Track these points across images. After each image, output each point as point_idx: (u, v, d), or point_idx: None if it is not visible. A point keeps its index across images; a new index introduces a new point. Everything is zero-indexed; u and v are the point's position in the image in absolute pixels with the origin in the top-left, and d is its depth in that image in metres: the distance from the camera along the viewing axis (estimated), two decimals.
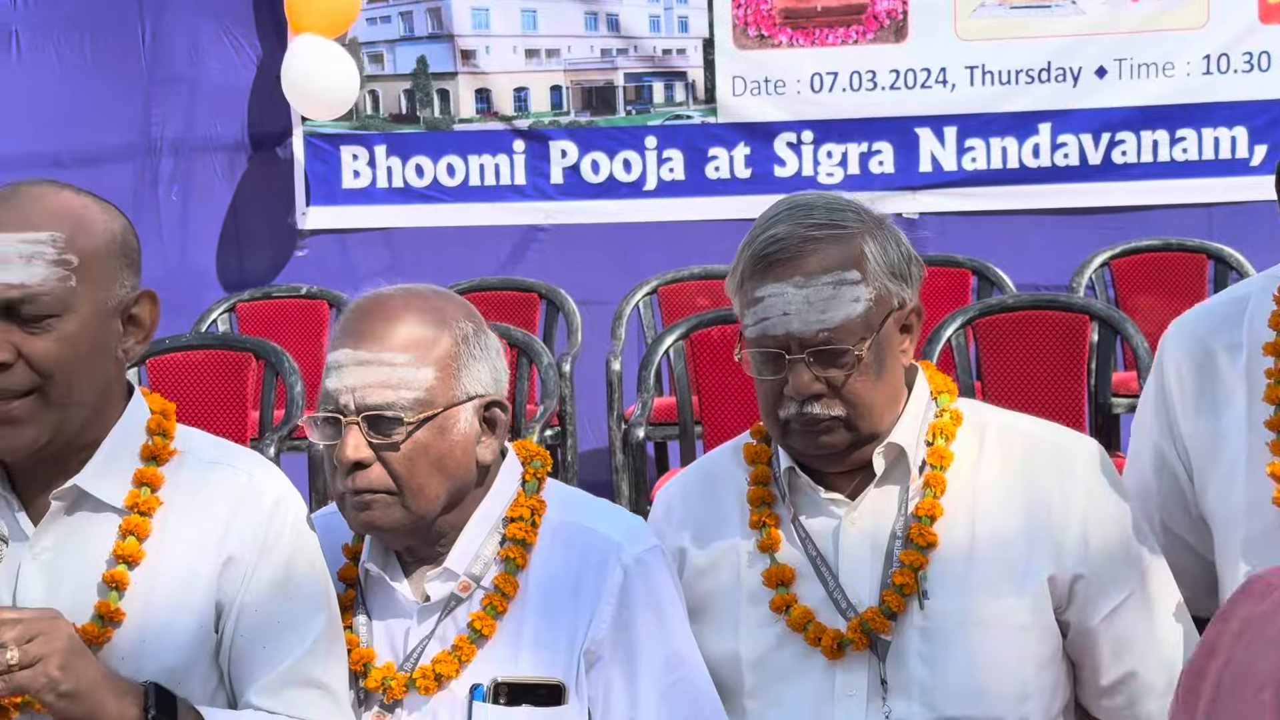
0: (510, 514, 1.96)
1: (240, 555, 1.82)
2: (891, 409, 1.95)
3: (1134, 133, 5.94)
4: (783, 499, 1.99)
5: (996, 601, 1.90)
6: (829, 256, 1.88)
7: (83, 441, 1.82)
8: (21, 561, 1.80)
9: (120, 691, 1.69)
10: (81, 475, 1.81)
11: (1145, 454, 2.07)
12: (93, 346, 1.78)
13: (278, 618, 1.84)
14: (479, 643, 1.91)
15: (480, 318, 1.99)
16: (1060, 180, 5.98)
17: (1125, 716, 1.96)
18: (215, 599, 1.82)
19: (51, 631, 1.65)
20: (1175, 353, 2.03)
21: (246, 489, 1.87)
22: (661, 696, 1.90)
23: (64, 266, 1.73)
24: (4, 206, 1.76)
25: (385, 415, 1.86)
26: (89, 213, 1.80)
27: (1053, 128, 5.96)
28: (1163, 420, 2.03)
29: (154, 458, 1.85)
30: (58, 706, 1.64)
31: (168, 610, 1.81)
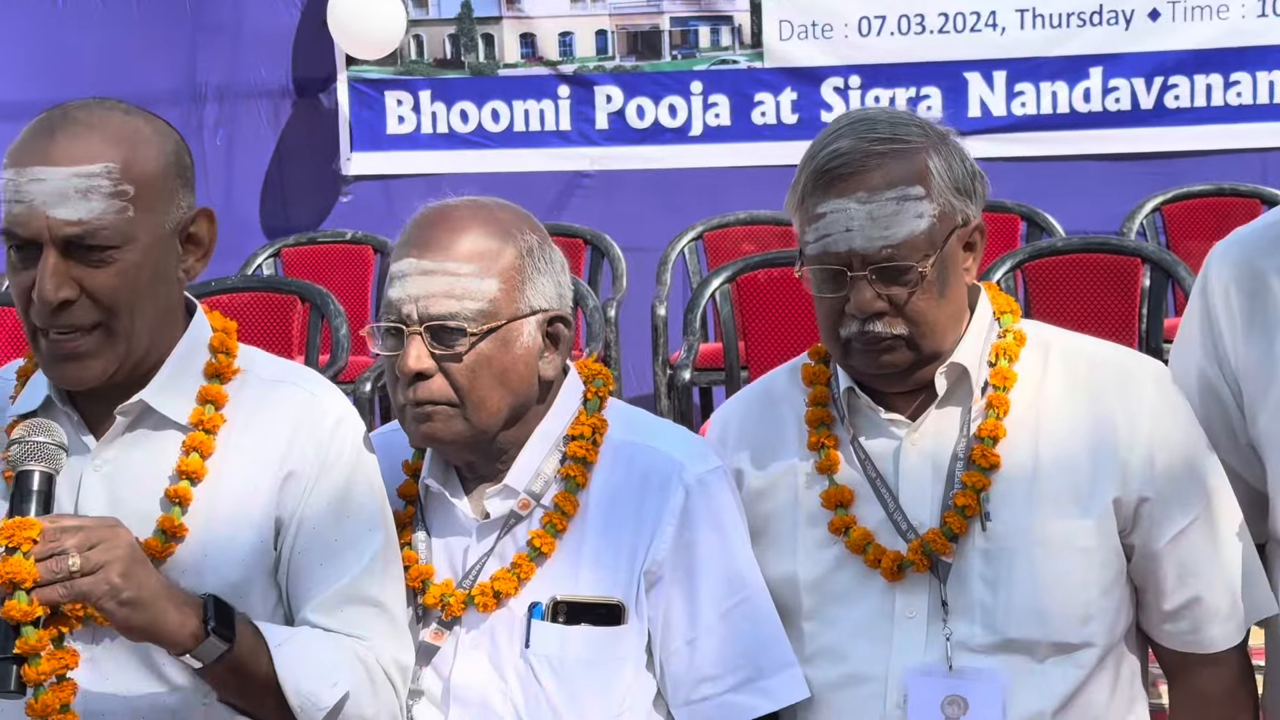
0: (571, 432, 1.95)
1: (300, 472, 1.83)
2: (954, 328, 1.93)
3: (1187, 76, 5.89)
4: (841, 420, 1.97)
5: (1060, 523, 1.88)
6: (893, 171, 1.85)
7: (146, 364, 1.82)
8: (83, 473, 1.80)
9: (180, 602, 1.68)
10: (147, 390, 1.82)
11: (1189, 379, 2.03)
12: (154, 273, 1.78)
13: (335, 535, 1.84)
14: (538, 561, 1.90)
15: (545, 231, 1.97)
16: (1111, 125, 5.93)
17: (1188, 641, 1.93)
18: (275, 515, 1.83)
19: (112, 539, 1.64)
20: (1222, 275, 1.99)
21: (308, 407, 1.88)
22: (722, 618, 1.90)
23: (120, 198, 1.72)
24: (56, 136, 1.74)
25: (448, 326, 1.85)
26: (141, 136, 1.78)
27: (1104, 71, 5.92)
28: (1209, 344, 2.00)
29: (218, 375, 1.86)
30: (118, 614, 1.63)
31: (229, 526, 1.82)
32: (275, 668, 1.72)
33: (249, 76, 6.20)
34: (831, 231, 1.86)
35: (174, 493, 1.79)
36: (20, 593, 1.59)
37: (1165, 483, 1.90)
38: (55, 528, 1.62)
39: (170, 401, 1.83)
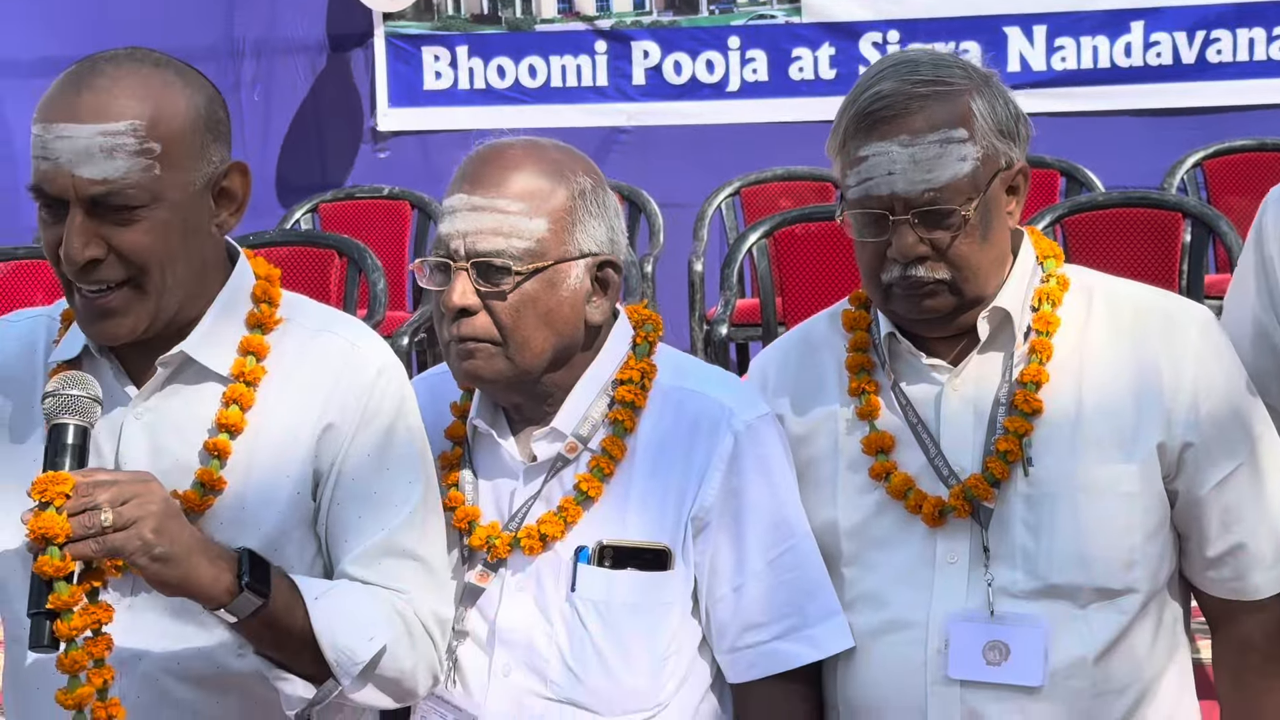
0: (620, 376, 1.96)
1: (340, 423, 1.82)
2: (997, 273, 1.92)
3: (1229, 30, 5.85)
4: (882, 366, 1.97)
5: (1104, 468, 1.88)
6: (935, 114, 1.84)
7: (186, 316, 1.82)
8: (124, 421, 1.81)
9: (214, 556, 1.67)
10: (187, 342, 1.81)
11: (1243, 327, 2.03)
12: (184, 230, 1.77)
13: (374, 488, 1.84)
14: (585, 505, 1.91)
15: (601, 175, 1.97)
16: (1152, 80, 5.91)
17: (1232, 588, 1.94)
18: (313, 467, 1.83)
19: (145, 494, 1.63)
20: (1278, 222, 1.99)
21: (350, 357, 1.87)
22: (769, 566, 1.90)
23: (147, 155, 1.70)
24: (82, 92, 1.72)
25: (494, 263, 1.85)
26: (170, 91, 1.75)
27: (1145, 25, 5.88)
28: (1264, 290, 2.00)
29: (259, 325, 1.85)
30: (151, 569, 1.63)
31: (267, 478, 1.82)
32: (311, 622, 1.72)
33: (286, 32, 6.21)
34: (873, 175, 1.85)
35: (213, 445, 1.80)
36: (53, 548, 1.59)
37: (1210, 428, 1.89)
38: (88, 482, 1.61)
39: (211, 352, 1.82)
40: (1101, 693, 1.88)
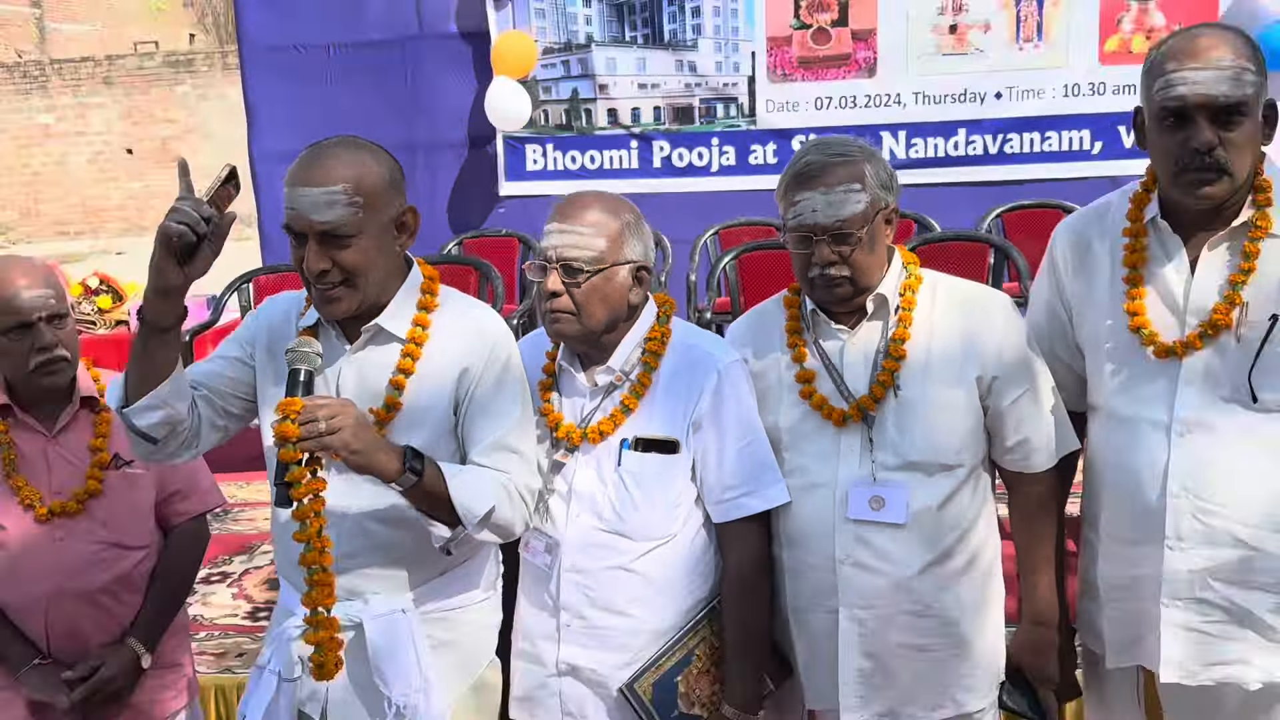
0: (648, 336, 1.95)
1: (472, 368, 1.82)
2: (879, 272, 1.90)
3: (1018, 134, 5.79)
4: (808, 329, 1.96)
5: (943, 391, 1.87)
6: (841, 174, 1.83)
7: (378, 303, 1.82)
8: (342, 366, 1.82)
9: (389, 450, 1.69)
10: (380, 317, 1.81)
11: (1041, 308, 2.02)
12: (378, 250, 1.76)
13: (491, 408, 1.83)
14: (626, 413, 1.91)
15: (640, 214, 1.96)
16: (971, 164, 5.83)
17: (1021, 465, 1.93)
18: (454, 396, 1.82)
19: (345, 413, 1.65)
20: (1063, 241, 1.98)
21: (478, 327, 1.87)
22: (738, 451, 1.90)
23: (354, 206, 1.71)
24: (311, 167, 1.72)
25: (573, 265, 1.85)
26: (367, 164, 1.74)
27: (967, 130, 5.82)
28: (1053, 285, 1.99)
29: (424, 308, 1.85)
30: (349, 459, 1.66)
31: (427, 401, 1.82)
32: (449, 490, 1.72)
33: (445, 136, 6.17)
34: (803, 212, 1.84)
35: (394, 382, 1.80)
36: (289, 445, 1.63)
37: (1007, 367, 1.89)
38: (312, 404, 1.65)
39: (394, 324, 1.82)
40: (941, 527, 1.88)
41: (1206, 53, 1.71)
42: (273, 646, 1.87)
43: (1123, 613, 1.89)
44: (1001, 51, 5.72)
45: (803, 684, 1.95)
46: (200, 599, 3.67)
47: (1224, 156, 1.71)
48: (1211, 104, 1.69)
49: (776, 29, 5.88)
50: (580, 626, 1.89)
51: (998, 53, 5.72)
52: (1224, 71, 1.69)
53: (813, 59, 5.89)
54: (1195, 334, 1.78)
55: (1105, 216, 1.92)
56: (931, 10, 5.74)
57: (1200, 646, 1.79)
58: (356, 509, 1.80)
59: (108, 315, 5.93)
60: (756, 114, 5.96)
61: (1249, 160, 1.74)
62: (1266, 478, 1.75)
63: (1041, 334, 1.99)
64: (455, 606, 1.87)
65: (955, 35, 5.75)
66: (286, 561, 1.87)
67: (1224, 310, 1.76)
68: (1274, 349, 1.74)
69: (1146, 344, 1.81)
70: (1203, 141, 1.70)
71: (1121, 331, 1.84)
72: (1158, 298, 1.82)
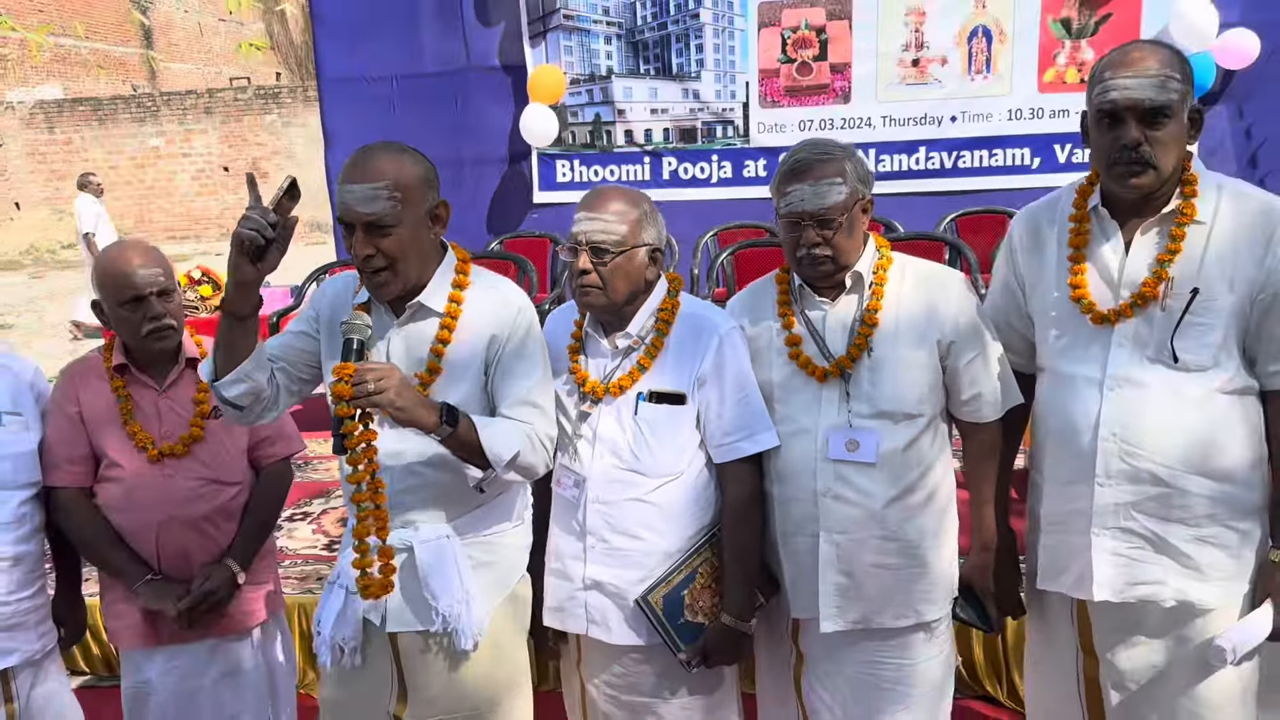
0: (661, 306, 1.93)
1: (499, 335, 1.80)
2: (856, 253, 1.89)
3: (970, 152, 5.73)
4: (795, 301, 1.94)
5: (908, 352, 1.85)
6: (826, 169, 1.82)
7: (419, 283, 1.80)
8: (391, 337, 1.81)
9: (428, 406, 1.68)
10: (421, 296, 1.80)
11: (999, 283, 1.99)
12: (415, 238, 1.74)
13: (516, 370, 1.81)
14: (642, 371, 1.90)
15: (654, 205, 1.94)
16: (931, 178, 5.77)
17: (974, 416, 1.91)
18: (485, 359, 1.80)
19: (391, 375, 1.65)
20: (1019, 226, 1.95)
21: (505, 298, 1.85)
22: (736, 403, 1.88)
23: (394, 200, 1.69)
24: (357, 167, 1.71)
25: (600, 247, 1.85)
26: (405, 164, 1.72)
27: (927, 149, 5.75)
28: (1010, 263, 1.95)
29: (459, 285, 1.83)
30: (395, 415, 1.65)
31: (462, 365, 1.79)
32: (480, 439, 1.72)
33: (486, 153, 6.12)
34: (794, 201, 1.83)
35: (434, 350, 1.79)
36: (343, 402, 1.63)
37: (963, 333, 1.87)
38: (362, 368, 1.64)
39: (434, 300, 1.81)
40: (905, 466, 1.86)
41: (1137, 63, 1.68)
42: (341, 566, 1.87)
43: (1056, 543, 1.87)
44: (956, 81, 5.66)
45: (788, 598, 1.93)
46: (285, 533, 3.68)
47: (1149, 152, 1.68)
48: (1138, 106, 1.67)
49: (767, 63, 5.83)
50: (603, 548, 1.89)
51: (953, 83, 5.67)
52: (1151, 79, 1.66)
53: (797, 88, 5.85)
54: (1127, 304, 1.75)
55: (1055, 205, 1.89)
56: (897, 47, 5.68)
57: (1124, 569, 1.78)
58: (407, 456, 1.79)
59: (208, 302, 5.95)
60: (750, 134, 5.92)
61: (1174, 156, 1.71)
62: (1184, 427, 1.72)
63: (999, 306, 1.97)
64: (492, 532, 1.86)
65: (917, 68, 5.70)
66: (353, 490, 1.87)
67: (1152, 284, 1.73)
68: (1192, 318, 1.72)
69: (1085, 312, 1.79)
70: (1130, 139, 1.68)
71: (1065, 302, 1.82)
72: (1096, 273, 1.80)
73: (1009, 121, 5.65)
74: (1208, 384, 1.71)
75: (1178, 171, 1.74)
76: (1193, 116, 1.72)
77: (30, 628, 2.03)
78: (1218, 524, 1.73)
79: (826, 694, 1.92)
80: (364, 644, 1.85)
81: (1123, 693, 1.82)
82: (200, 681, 2.12)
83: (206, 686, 2.13)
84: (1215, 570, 1.74)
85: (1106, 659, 1.83)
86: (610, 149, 6.07)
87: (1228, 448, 1.72)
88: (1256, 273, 1.69)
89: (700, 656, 1.86)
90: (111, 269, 2.05)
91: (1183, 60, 1.71)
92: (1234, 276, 1.70)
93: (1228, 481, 1.72)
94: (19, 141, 17.12)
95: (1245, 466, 1.73)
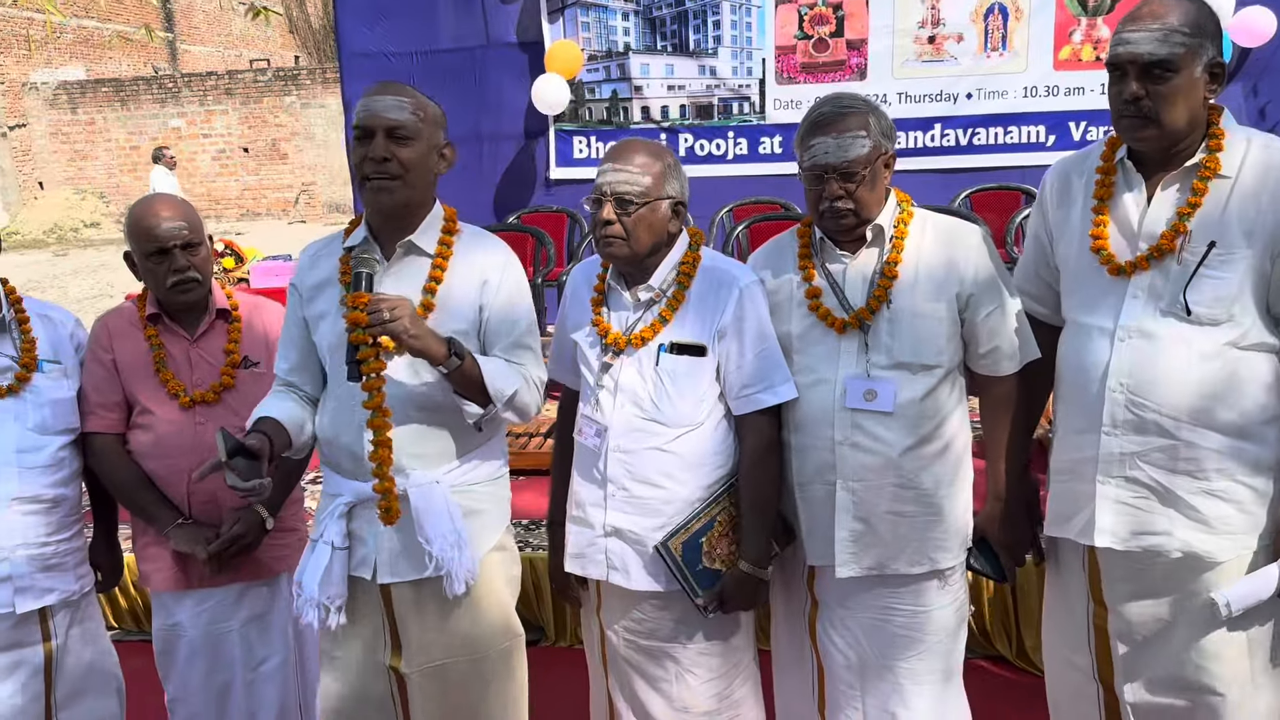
0: (682, 260, 1.93)
1: (490, 280, 1.85)
2: (879, 207, 1.88)
3: (986, 129, 5.69)
4: (816, 254, 1.94)
5: (927, 304, 1.85)
6: (849, 122, 1.81)
7: (414, 218, 1.83)
8: (381, 278, 1.82)
9: (437, 338, 1.72)
10: (414, 235, 1.83)
11: (1030, 237, 1.98)
12: (425, 160, 1.78)
13: (509, 313, 1.86)
14: (664, 323, 1.90)
15: (677, 158, 1.95)
16: (946, 155, 5.73)
17: (990, 369, 1.91)
18: (479, 302, 1.84)
19: (403, 305, 1.69)
20: (1051, 177, 1.94)
21: (492, 249, 1.89)
22: (755, 355, 1.88)
23: (416, 116, 1.75)
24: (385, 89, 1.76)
25: (624, 198, 1.84)
26: (423, 98, 1.80)
27: (942, 125, 5.72)
28: (1040, 215, 1.94)
29: (448, 231, 1.87)
30: (407, 343, 1.68)
31: (454, 306, 1.83)
32: (483, 376, 1.76)
33: (504, 128, 6.10)
34: (817, 154, 1.82)
35: (427, 288, 1.83)
36: (359, 329, 1.67)
37: (981, 286, 1.87)
38: (376, 298, 1.69)
39: (424, 242, 1.84)
40: (922, 416, 1.86)
41: (1146, 18, 1.67)
42: (324, 523, 1.88)
43: (1065, 490, 1.87)
44: (972, 59, 5.62)
45: (804, 545, 1.94)
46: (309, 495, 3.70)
47: (1149, 106, 1.67)
48: (1138, 60, 1.66)
49: (783, 39, 5.80)
50: (623, 496, 1.89)
51: (968, 60, 5.62)
52: (1153, 33, 1.65)
53: (813, 64, 5.82)
54: (1144, 256, 1.74)
55: (1086, 158, 1.88)
56: (913, 24, 5.64)
57: (1129, 518, 1.77)
58: (425, 378, 1.81)
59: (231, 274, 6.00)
60: (766, 111, 5.89)
61: (1181, 110, 1.68)
62: (1192, 380, 1.71)
63: (1028, 258, 1.97)
64: (475, 482, 1.89)
65: (933, 45, 5.65)
66: (335, 450, 1.87)
67: (1169, 236, 1.72)
68: (1207, 271, 1.70)
69: (1104, 264, 1.78)
70: (1130, 93, 1.68)
71: (1085, 253, 1.81)
72: (1117, 226, 1.79)
73: (1024, 99, 5.61)
74: (1220, 338, 1.69)
75: (1200, 124, 1.71)
76: (1213, 70, 1.70)
77: (68, 569, 2.07)
78: (1228, 478, 1.71)
79: (840, 639, 1.94)
80: (352, 600, 1.87)
81: (1129, 644, 1.82)
82: (229, 624, 2.16)
83: (235, 629, 2.16)
84: (1224, 524, 1.72)
85: (1115, 609, 1.84)
86: (627, 125, 6.05)
87: (1239, 403, 1.69)
88: (1278, 225, 1.68)
89: (717, 602, 1.87)
90: (139, 222, 2.08)
91: (1201, 12, 1.69)
92: (1254, 229, 1.68)
93: (1240, 437, 1.70)
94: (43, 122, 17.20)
95: (1258, 423, 1.70)
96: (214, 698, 2.16)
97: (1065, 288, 1.88)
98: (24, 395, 2.00)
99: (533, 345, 1.87)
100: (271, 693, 2.19)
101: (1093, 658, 1.92)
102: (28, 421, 1.99)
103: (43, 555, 2.01)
